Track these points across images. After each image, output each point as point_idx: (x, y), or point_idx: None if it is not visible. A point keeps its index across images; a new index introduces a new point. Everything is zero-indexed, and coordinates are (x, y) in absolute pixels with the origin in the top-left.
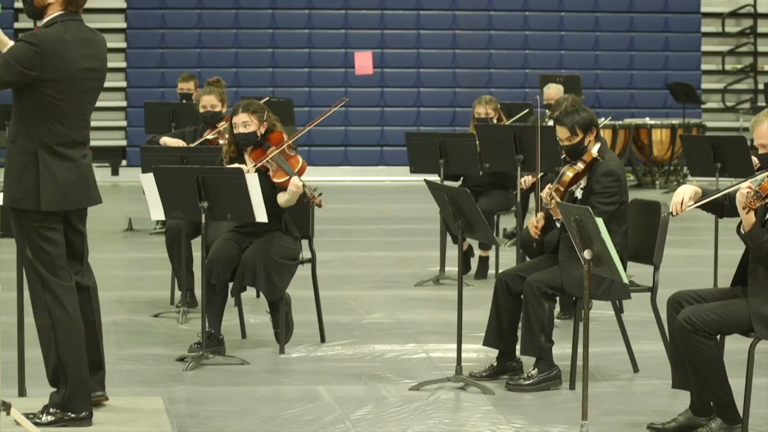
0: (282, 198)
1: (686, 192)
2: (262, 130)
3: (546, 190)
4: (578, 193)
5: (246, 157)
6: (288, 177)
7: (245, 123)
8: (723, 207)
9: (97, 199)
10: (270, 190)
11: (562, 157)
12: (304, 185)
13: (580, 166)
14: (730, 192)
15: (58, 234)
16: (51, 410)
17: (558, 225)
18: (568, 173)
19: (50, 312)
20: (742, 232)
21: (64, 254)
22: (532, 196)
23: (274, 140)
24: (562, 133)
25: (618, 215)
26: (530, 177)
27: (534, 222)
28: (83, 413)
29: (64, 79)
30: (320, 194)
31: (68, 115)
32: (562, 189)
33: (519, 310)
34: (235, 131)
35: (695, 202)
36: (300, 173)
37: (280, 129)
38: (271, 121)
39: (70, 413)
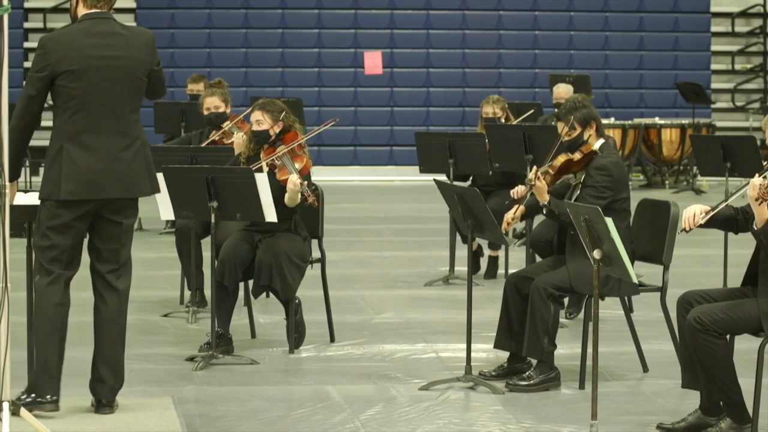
0: (285, 197)
1: (696, 207)
2: (277, 130)
3: (533, 169)
4: (577, 191)
5: (261, 155)
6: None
7: (258, 121)
8: (737, 222)
9: (144, 191)
10: (279, 190)
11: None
12: (301, 183)
13: (577, 155)
14: (742, 193)
15: (73, 231)
16: (22, 396)
17: (544, 212)
18: (560, 158)
19: (35, 293)
20: (755, 228)
21: (68, 249)
22: None
23: (288, 140)
24: (561, 128)
25: (614, 212)
26: (523, 188)
27: (509, 217)
28: (47, 396)
29: (75, 67)
30: (315, 189)
31: (91, 104)
32: (551, 173)
33: None
34: (252, 128)
35: (706, 214)
36: (303, 172)
37: (297, 129)
38: (288, 121)
39: (34, 395)
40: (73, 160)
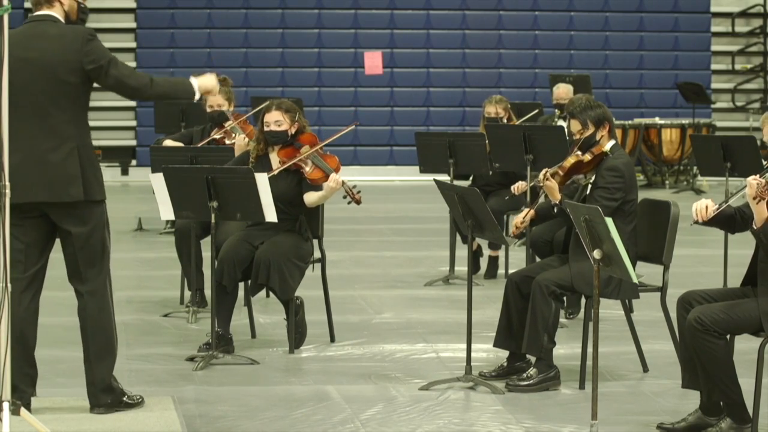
0: (314, 196)
1: (706, 200)
2: (293, 130)
3: (543, 171)
4: (587, 190)
5: (272, 155)
6: (325, 174)
7: (278, 121)
8: (735, 222)
9: (74, 195)
10: (294, 189)
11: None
12: (343, 182)
13: (587, 156)
14: (742, 194)
15: (21, 230)
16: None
17: (555, 211)
18: (570, 159)
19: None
20: (755, 228)
21: (22, 250)
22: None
23: (306, 141)
24: (574, 126)
25: (623, 213)
26: (524, 184)
27: (517, 221)
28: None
29: (10, 70)
30: (359, 191)
31: (18, 106)
32: (561, 173)
33: None
34: (266, 129)
35: (718, 206)
36: (337, 171)
37: (310, 131)
38: (302, 122)
39: None
40: (9, 161)
